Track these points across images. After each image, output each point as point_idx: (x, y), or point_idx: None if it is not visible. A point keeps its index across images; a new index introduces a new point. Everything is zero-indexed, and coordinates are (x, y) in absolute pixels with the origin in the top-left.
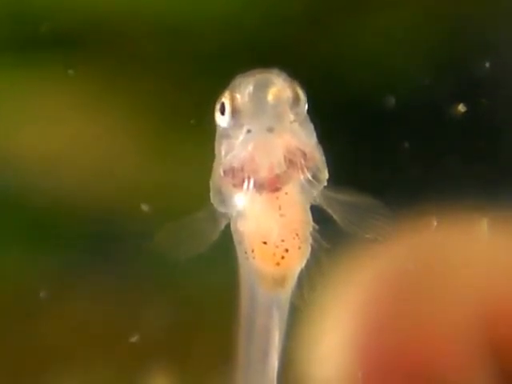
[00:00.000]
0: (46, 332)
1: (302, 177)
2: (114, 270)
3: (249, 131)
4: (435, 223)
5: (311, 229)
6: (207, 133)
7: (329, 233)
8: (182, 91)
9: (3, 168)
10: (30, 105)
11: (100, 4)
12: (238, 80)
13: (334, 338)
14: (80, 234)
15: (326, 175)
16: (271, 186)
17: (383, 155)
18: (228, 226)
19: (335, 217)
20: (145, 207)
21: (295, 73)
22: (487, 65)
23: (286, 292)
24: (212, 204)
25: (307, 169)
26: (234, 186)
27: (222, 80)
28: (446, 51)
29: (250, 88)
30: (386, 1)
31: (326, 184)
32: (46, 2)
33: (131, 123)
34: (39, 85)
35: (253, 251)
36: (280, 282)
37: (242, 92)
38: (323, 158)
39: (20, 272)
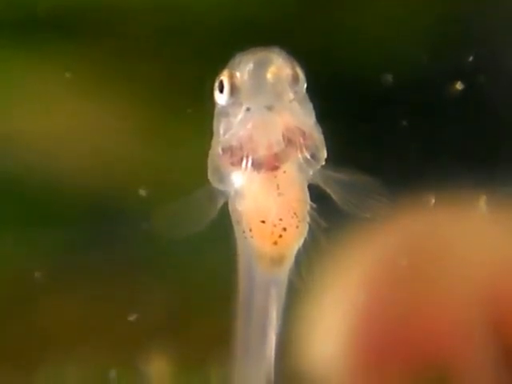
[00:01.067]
0: (44, 313)
1: (300, 156)
2: (112, 251)
3: (248, 109)
4: (433, 201)
5: (309, 208)
6: (205, 114)
7: (327, 212)
8: (179, 72)
9: (0, 149)
10: (27, 87)
11: None
12: (238, 58)
13: (333, 319)
14: (78, 216)
15: (324, 154)
16: (269, 164)
17: (381, 134)
18: (225, 205)
19: (333, 196)
20: (143, 192)
21: (294, 51)
22: (486, 43)
23: (284, 271)
24: (210, 183)
25: (306, 148)
26: (233, 164)
27: (220, 59)
28: (445, 30)
29: (250, 66)
30: None
31: (324, 163)
32: None
33: (129, 104)
34: (36, 67)
35: (251, 230)
36: (278, 260)
37: (241, 70)
38: (322, 136)
39: (17, 254)
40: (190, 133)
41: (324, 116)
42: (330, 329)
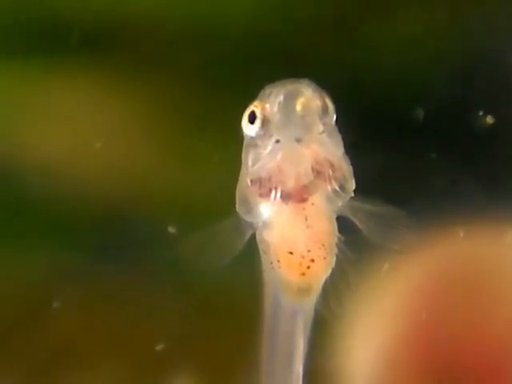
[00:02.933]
0: (60, 334)
1: (329, 187)
2: (126, 264)
3: (277, 141)
4: (462, 234)
5: (337, 239)
6: (228, 139)
7: (354, 243)
8: (205, 97)
9: (19, 169)
10: (40, 102)
11: (125, 7)
12: (268, 90)
13: (365, 350)
14: (97, 236)
15: (352, 186)
16: (298, 196)
17: (410, 166)
18: (252, 235)
19: (361, 227)
20: (172, 229)
21: (322, 82)
22: None
23: (311, 301)
24: (237, 213)
25: (334, 179)
26: (261, 195)
27: (245, 87)
28: (474, 62)
29: (281, 98)
30: (413, 11)
31: (352, 194)
32: (73, 6)
33: (146, 119)
34: (50, 82)
35: (278, 261)
36: (305, 291)
37: (271, 102)
38: (350, 168)
39: (33, 274)
40: (208, 148)
41: (352, 147)
42: (362, 361)
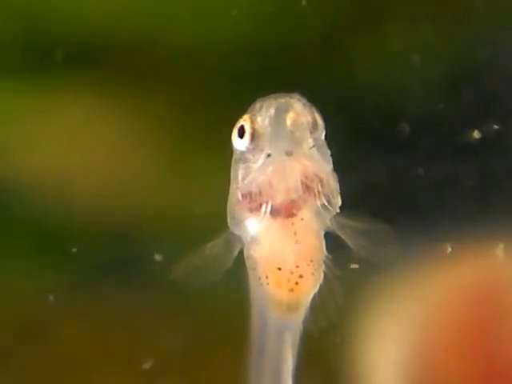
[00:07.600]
0: (58, 350)
1: (317, 202)
2: (124, 283)
3: (268, 155)
4: (449, 249)
5: (324, 255)
6: (224, 155)
7: (341, 259)
8: (198, 113)
9: (17, 188)
10: (43, 126)
11: (114, 25)
12: (258, 103)
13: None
14: (94, 253)
15: (339, 201)
16: (287, 211)
17: (397, 181)
18: (240, 252)
19: (349, 243)
20: (158, 257)
21: (310, 98)
22: (503, 91)
23: (299, 317)
24: (226, 230)
25: (323, 195)
26: (251, 210)
27: (237, 103)
28: (461, 77)
29: (271, 112)
30: (400, 26)
31: (339, 210)
32: (64, 23)
33: (147, 144)
34: (52, 107)
35: (267, 277)
36: (293, 307)
37: (262, 115)
38: (337, 184)
39: (29, 284)
40: (207, 165)
41: (339, 162)
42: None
